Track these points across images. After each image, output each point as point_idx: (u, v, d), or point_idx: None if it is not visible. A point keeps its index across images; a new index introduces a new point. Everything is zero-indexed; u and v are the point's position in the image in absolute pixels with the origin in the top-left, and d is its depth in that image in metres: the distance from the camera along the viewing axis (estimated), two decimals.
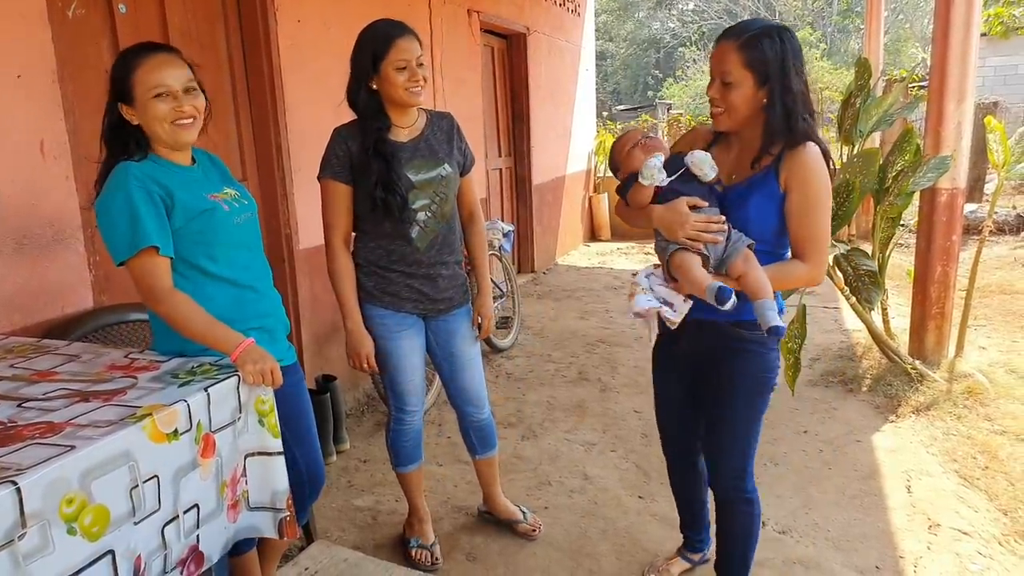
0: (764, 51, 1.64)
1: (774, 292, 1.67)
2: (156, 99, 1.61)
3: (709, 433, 1.95)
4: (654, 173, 1.73)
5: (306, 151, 3.39)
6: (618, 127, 11.71)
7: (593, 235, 8.85)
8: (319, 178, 2.18)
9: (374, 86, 2.08)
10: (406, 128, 2.15)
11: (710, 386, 1.90)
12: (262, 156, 3.24)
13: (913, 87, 7.90)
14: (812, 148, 1.68)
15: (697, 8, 26.81)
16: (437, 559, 2.41)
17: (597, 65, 9.45)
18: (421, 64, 2.07)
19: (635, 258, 7.73)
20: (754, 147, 1.75)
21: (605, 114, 14.73)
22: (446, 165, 2.17)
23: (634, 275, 1.86)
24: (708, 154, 1.75)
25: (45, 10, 2.20)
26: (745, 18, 2.36)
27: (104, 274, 2.39)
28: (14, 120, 2.13)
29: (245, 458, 1.59)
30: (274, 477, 1.62)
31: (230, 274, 1.73)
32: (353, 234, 2.25)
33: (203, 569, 1.48)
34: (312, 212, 3.43)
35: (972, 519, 2.56)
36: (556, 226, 7.46)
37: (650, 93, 26.04)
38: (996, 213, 4.03)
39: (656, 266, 1.86)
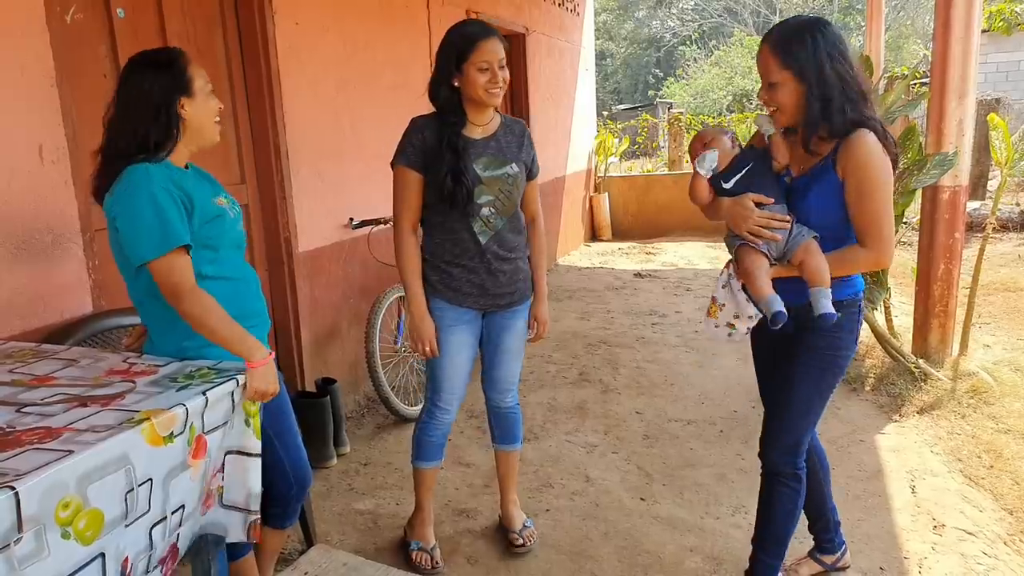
0: (793, 50, 1.73)
1: (850, 275, 1.85)
2: (210, 95, 1.71)
3: (772, 404, 2.01)
4: (705, 164, 1.92)
5: (305, 154, 3.38)
6: (619, 127, 11.71)
7: (594, 235, 8.83)
8: (392, 165, 2.24)
9: (456, 84, 2.15)
10: (481, 126, 2.23)
11: (782, 361, 1.96)
12: (261, 159, 3.23)
13: (914, 84, 7.88)
14: (866, 135, 1.74)
15: (697, 6, 26.79)
16: (437, 563, 2.40)
17: (597, 64, 9.45)
18: (503, 67, 2.14)
19: (636, 258, 7.71)
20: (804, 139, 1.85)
21: (605, 113, 14.72)
22: (514, 165, 2.24)
23: (713, 299, 1.99)
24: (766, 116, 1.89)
25: (43, 14, 2.19)
26: (746, 16, 2.41)
27: (103, 278, 2.39)
28: (13, 125, 2.12)
29: (225, 454, 1.59)
30: (250, 478, 1.62)
31: (228, 272, 1.75)
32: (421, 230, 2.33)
33: (176, 562, 1.49)
34: (311, 215, 3.44)
35: (977, 519, 2.55)
36: (556, 226, 7.44)
37: (651, 92, 26.02)
38: (999, 210, 4.01)
39: (728, 263, 1.97)
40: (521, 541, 2.48)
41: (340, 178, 3.68)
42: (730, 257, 1.97)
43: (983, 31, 3.97)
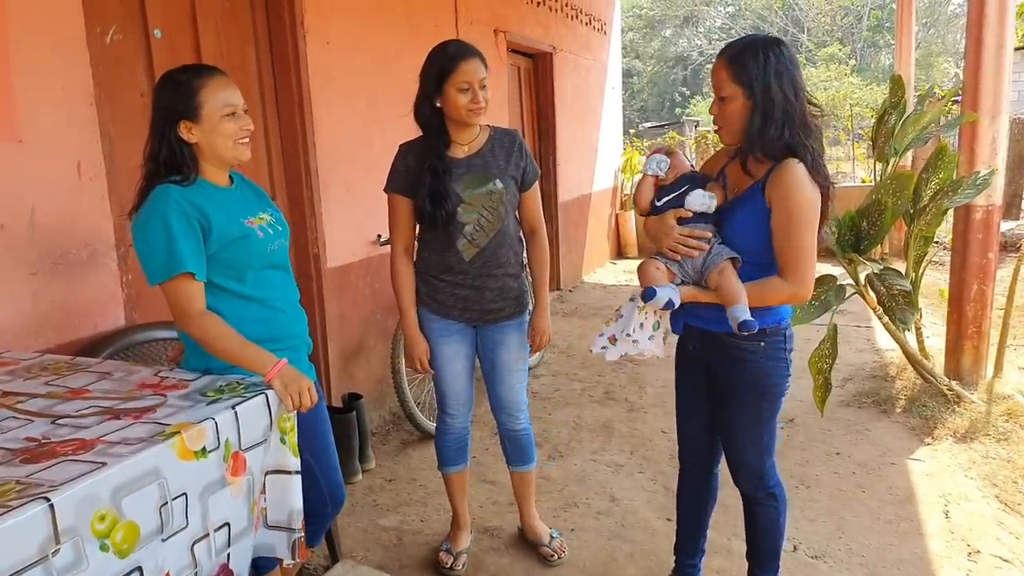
0: (747, 64, 1.70)
1: (768, 306, 1.80)
2: (226, 117, 1.66)
3: (723, 434, 2.02)
4: (651, 164, 1.88)
5: (334, 171, 3.43)
6: (645, 144, 11.69)
7: (620, 253, 8.80)
8: (385, 190, 2.31)
9: (438, 104, 2.17)
10: (465, 144, 2.25)
11: (717, 391, 1.97)
12: (291, 175, 3.28)
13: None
14: (793, 164, 1.71)
15: (724, 25, 26.78)
16: (455, 568, 2.43)
17: (624, 83, 9.47)
18: (484, 87, 2.15)
19: None
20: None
21: (632, 131, 14.72)
22: (497, 181, 2.23)
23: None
24: (700, 192, 1.82)
25: (84, 35, 2.26)
26: (773, 35, 2.38)
27: (136, 293, 2.43)
28: (53, 142, 2.18)
29: (265, 475, 1.59)
30: (291, 496, 1.62)
31: (260, 294, 1.75)
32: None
33: None
34: (339, 231, 3.48)
35: (1013, 546, 2.48)
36: (582, 244, 7.43)
37: (677, 110, 26.01)
38: None
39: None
40: (552, 554, 2.48)
41: (369, 195, 3.71)
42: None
43: (1016, 49, 3.92)
